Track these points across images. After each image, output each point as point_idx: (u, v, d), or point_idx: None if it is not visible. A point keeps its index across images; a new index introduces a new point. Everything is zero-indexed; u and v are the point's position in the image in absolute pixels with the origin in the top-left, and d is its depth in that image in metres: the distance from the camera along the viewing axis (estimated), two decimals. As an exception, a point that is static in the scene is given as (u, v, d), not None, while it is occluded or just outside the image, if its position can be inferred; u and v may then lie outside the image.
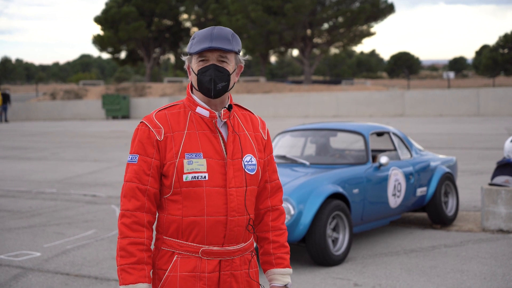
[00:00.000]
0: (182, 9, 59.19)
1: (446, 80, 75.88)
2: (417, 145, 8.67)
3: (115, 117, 39.46)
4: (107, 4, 58.30)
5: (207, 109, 2.58)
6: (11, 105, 40.39)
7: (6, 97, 38.17)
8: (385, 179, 7.40)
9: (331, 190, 6.56)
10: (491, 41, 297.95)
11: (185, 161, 2.51)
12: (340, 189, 6.68)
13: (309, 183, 6.58)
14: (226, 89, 2.56)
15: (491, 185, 8.07)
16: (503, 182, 8.02)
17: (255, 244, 2.75)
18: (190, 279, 2.51)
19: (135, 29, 54.56)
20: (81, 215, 9.29)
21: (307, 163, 7.35)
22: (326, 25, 53.36)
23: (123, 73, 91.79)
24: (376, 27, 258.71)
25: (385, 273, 6.18)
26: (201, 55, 2.54)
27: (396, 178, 7.54)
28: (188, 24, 61.07)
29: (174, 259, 2.53)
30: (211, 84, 2.52)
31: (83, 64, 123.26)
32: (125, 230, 2.51)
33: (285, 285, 2.70)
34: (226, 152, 2.56)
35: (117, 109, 39.08)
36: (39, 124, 36.27)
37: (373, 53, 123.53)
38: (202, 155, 2.52)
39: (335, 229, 6.67)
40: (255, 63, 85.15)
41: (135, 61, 63.48)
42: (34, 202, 10.43)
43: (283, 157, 7.61)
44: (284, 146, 7.98)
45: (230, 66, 2.56)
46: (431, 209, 8.16)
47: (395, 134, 8.22)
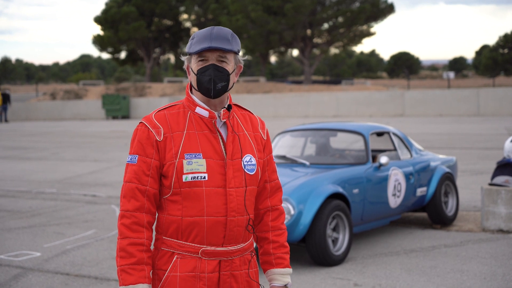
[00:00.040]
0: (182, 9, 59.20)
1: (446, 80, 75.87)
2: (417, 145, 8.67)
3: (115, 117, 39.47)
4: (107, 4, 58.30)
5: (207, 109, 2.57)
6: (11, 105, 40.40)
7: (6, 97, 38.19)
8: (385, 179, 7.40)
9: (331, 190, 6.56)
10: (491, 41, 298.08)
11: (185, 162, 2.50)
12: (340, 189, 6.68)
13: (309, 183, 6.58)
14: (225, 89, 2.55)
15: (491, 185, 8.07)
16: (503, 182, 8.02)
17: (255, 244, 2.75)
18: (190, 279, 2.51)
19: (135, 29, 54.57)
20: (81, 215, 9.29)
21: (307, 163, 7.35)
22: (326, 25, 53.38)
23: (123, 73, 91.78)
24: (376, 27, 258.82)
25: (385, 273, 6.18)
26: (200, 55, 2.53)
27: (396, 178, 7.54)
28: (188, 24, 61.08)
29: (174, 259, 2.53)
30: (210, 84, 2.52)
31: (83, 64, 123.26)
32: (125, 230, 2.51)
33: (285, 285, 2.70)
34: (225, 152, 2.56)
35: (117, 109, 39.08)
36: (39, 124, 36.27)
37: (373, 53, 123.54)
38: (201, 155, 2.52)
39: (335, 229, 6.67)
40: (255, 63, 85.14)
41: (135, 61, 63.49)
42: (34, 202, 10.43)
43: (283, 157, 7.60)
44: (284, 146, 7.98)
45: (229, 66, 2.55)
46: (431, 209, 8.16)
47: (395, 134, 8.22)
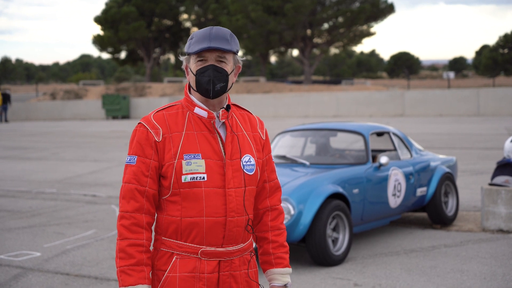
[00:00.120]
0: (182, 9, 59.21)
1: (446, 80, 75.88)
2: (417, 145, 8.67)
3: (115, 117, 39.47)
4: (107, 4, 58.31)
5: (205, 110, 2.56)
6: (11, 105, 40.41)
7: (6, 97, 38.21)
8: (385, 179, 7.40)
9: (331, 190, 6.56)
10: (491, 41, 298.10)
11: (184, 162, 2.50)
12: (340, 189, 6.68)
13: (309, 183, 6.58)
14: (224, 89, 2.54)
15: (491, 185, 8.07)
16: (503, 182, 8.02)
17: (254, 244, 2.74)
18: (189, 280, 2.51)
19: (135, 29, 54.57)
20: (81, 215, 9.29)
21: (307, 163, 7.34)
22: (326, 25, 53.38)
23: (123, 73, 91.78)
24: (376, 27, 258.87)
25: (385, 273, 6.18)
26: (199, 55, 2.52)
27: (396, 178, 7.54)
28: (188, 24, 61.09)
29: (173, 259, 2.53)
30: (209, 84, 2.51)
31: (83, 64, 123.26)
32: (124, 231, 2.50)
33: (285, 285, 2.70)
34: (224, 152, 2.55)
35: (117, 109, 39.08)
36: (39, 124, 36.26)
37: (373, 53, 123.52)
38: (200, 155, 2.51)
39: (335, 229, 6.67)
40: (255, 63, 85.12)
41: (135, 61, 63.49)
42: (34, 202, 10.43)
43: (283, 157, 7.60)
44: (284, 146, 7.98)
45: (228, 66, 2.55)
46: (431, 209, 8.16)
47: (395, 134, 8.22)
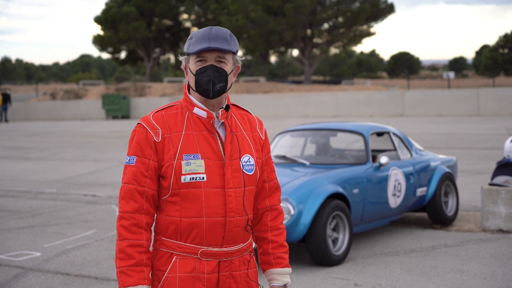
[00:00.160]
0: (182, 9, 59.20)
1: (446, 80, 75.87)
2: (417, 145, 8.66)
3: (115, 117, 39.48)
4: (107, 4, 58.30)
5: (205, 110, 2.56)
6: (11, 105, 40.42)
7: (6, 97, 38.23)
8: (385, 179, 7.40)
9: (331, 190, 6.56)
10: (491, 41, 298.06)
11: (183, 162, 2.49)
12: (340, 189, 6.68)
13: (309, 183, 6.58)
14: (224, 89, 2.54)
15: (491, 185, 8.07)
16: (503, 182, 8.02)
17: (254, 244, 2.74)
18: (189, 280, 2.50)
19: (135, 29, 54.57)
20: (81, 215, 9.29)
21: (307, 163, 7.34)
22: (326, 25, 53.38)
23: (123, 73, 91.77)
24: (376, 27, 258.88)
25: (385, 273, 6.18)
26: (199, 55, 2.52)
27: (396, 178, 7.54)
28: (188, 24, 61.08)
29: (173, 260, 2.52)
30: (209, 84, 2.51)
31: (83, 64, 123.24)
32: (124, 232, 2.50)
33: (285, 285, 2.70)
34: (224, 152, 2.55)
35: (117, 109, 39.09)
36: (39, 124, 36.27)
37: (373, 53, 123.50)
38: (200, 156, 2.51)
39: (335, 229, 6.67)
40: (255, 63, 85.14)
41: (135, 61, 63.48)
42: (34, 202, 10.43)
43: (283, 157, 7.60)
44: (284, 146, 7.98)
45: (228, 66, 2.55)
46: (431, 209, 8.16)
47: (395, 134, 8.22)
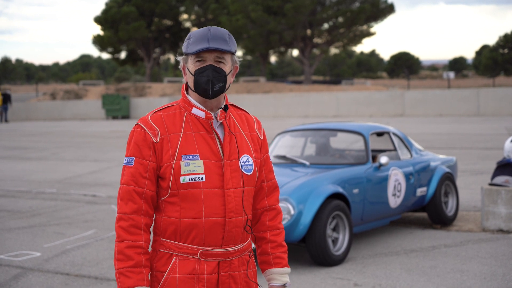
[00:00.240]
0: (182, 9, 59.20)
1: (446, 80, 75.88)
2: (417, 145, 8.66)
3: (115, 117, 39.48)
4: (107, 4, 58.30)
5: (203, 110, 2.56)
6: (11, 105, 40.42)
7: (6, 97, 38.24)
8: (385, 179, 7.40)
9: (331, 190, 6.56)
10: (491, 41, 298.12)
11: (182, 163, 2.49)
12: (340, 189, 6.68)
13: (309, 183, 6.58)
14: (223, 89, 2.54)
15: (491, 185, 8.07)
16: (503, 182, 8.02)
17: (253, 244, 2.74)
18: (189, 281, 2.50)
19: (135, 29, 54.56)
20: (81, 215, 9.29)
21: (307, 163, 7.34)
22: (326, 25, 53.39)
23: (123, 73, 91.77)
24: (376, 27, 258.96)
25: (385, 273, 6.18)
26: (198, 55, 2.51)
27: (396, 178, 7.54)
28: (188, 24, 61.07)
29: (172, 261, 2.52)
30: (208, 84, 2.50)
31: (83, 64, 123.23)
32: (123, 233, 2.49)
33: (284, 285, 2.69)
34: (223, 153, 2.55)
35: (117, 109, 39.09)
36: (39, 124, 36.27)
37: (373, 53, 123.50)
38: (199, 156, 2.50)
39: (335, 229, 6.67)
40: (255, 63, 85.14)
41: (135, 61, 63.49)
42: (34, 202, 10.43)
43: (283, 157, 7.60)
44: (284, 146, 7.98)
45: (227, 66, 2.54)
46: (431, 209, 8.16)
47: (395, 134, 8.22)
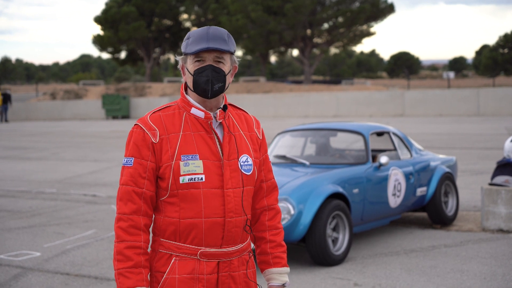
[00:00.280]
0: (182, 9, 59.19)
1: (446, 80, 75.86)
2: (417, 145, 8.66)
3: (115, 117, 39.48)
4: (107, 4, 58.29)
5: (202, 110, 2.55)
6: (12, 105, 40.41)
7: (7, 97, 38.24)
8: (385, 179, 7.40)
9: (331, 190, 6.56)
10: (491, 41, 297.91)
11: (182, 163, 2.48)
12: (340, 189, 6.68)
13: (309, 183, 6.58)
14: (222, 89, 2.54)
15: (491, 185, 8.07)
16: (503, 182, 8.02)
17: (252, 244, 2.74)
18: (188, 281, 2.50)
19: (135, 29, 54.56)
20: (81, 215, 9.29)
21: (307, 163, 7.34)
22: (326, 25, 53.39)
23: (123, 73, 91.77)
24: (376, 27, 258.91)
25: (385, 273, 6.18)
26: (197, 55, 2.51)
27: (396, 178, 7.54)
28: (188, 24, 61.06)
29: (172, 261, 2.51)
30: (208, 84, 2.50)
31: (83, 64, 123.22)
32: (122, 234, 2.49)
33: (283, 284, 2.69)
34: (222, 153, 2.54)
35: (117, 109, 39.09)
36: (39, 124, 36.27)
37: (373, 53, 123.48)
38: (198, 156, 2.50)
39: (335, 229, 6.67)
40: (255, 63, 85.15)
41: (135, 61, 63.48)
42: (34, 202, 10.43)
43: (283, 157, 7.60)
44: (284, 146, 7.98)
45: (226, 66, 2.54)
46: (431, 209, 8.16)
47: (395, 134, 8.22)
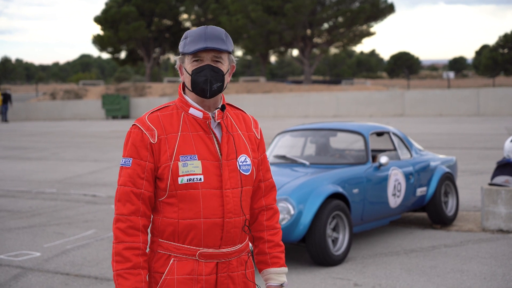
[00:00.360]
0: (182, 9, 59.18)
1: (446, 80, 75.85)
2: (417, 145, 8.66)
3: (115, 117, 39.47)
4: (107, 4, 58.28)
5: (200, 110, 2.55)
6: (12, 105, 40.41)
7: (7, 97, 38.24)
8: (385, 179, 7.40)
9: (331, 190, 6.55)
10: (491, 41, 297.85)
11: (180, 164, 2.47)
12: (340, 189, 6.68)
13: (309, 183, 6.58)
14: (221, 89, 2.53)
15: (491, 185, 8.07)
16: (503, 182, 8.02)
17: (251, 244, 2.74)
18: (187, 282, 2.49)
19: (135, 29, 54.55)
20: (81, 215, 9.29)
21: (307, 163, 7.34)
22: (326, 25, 53.38)
23: (123, 73, 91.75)
24: (376, 27, 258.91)
25: (385, 273, 6.18)
26: (195, 55, 2.51)
27: (396, 178, 7.54)
28: (188, 24, 61.04)
29: (170, 262, 2.50)
30: (206, 84, 2.49)
31: (83, 64, 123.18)
32: (120, 234, 2.48)
33: (281, 284, 2.69)
34: (220, 153, 2.54)
35: (117, 109, 39.09)
36: (39, 124, 36.26)
37: (373, 53, 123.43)
38: (197, 157, 2.49)
39: (335, 229, 6.67)
40: (255, 63, 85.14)
41: (135, 61, 63.47)
42: (34, 202, 10.43)
43: (283, 157, 7.59)
44: (284, 146, 7.97)
45: (224, 66, 2.54)
46: (431, 209, 8.16)
47: (395, 134, 8.22)
